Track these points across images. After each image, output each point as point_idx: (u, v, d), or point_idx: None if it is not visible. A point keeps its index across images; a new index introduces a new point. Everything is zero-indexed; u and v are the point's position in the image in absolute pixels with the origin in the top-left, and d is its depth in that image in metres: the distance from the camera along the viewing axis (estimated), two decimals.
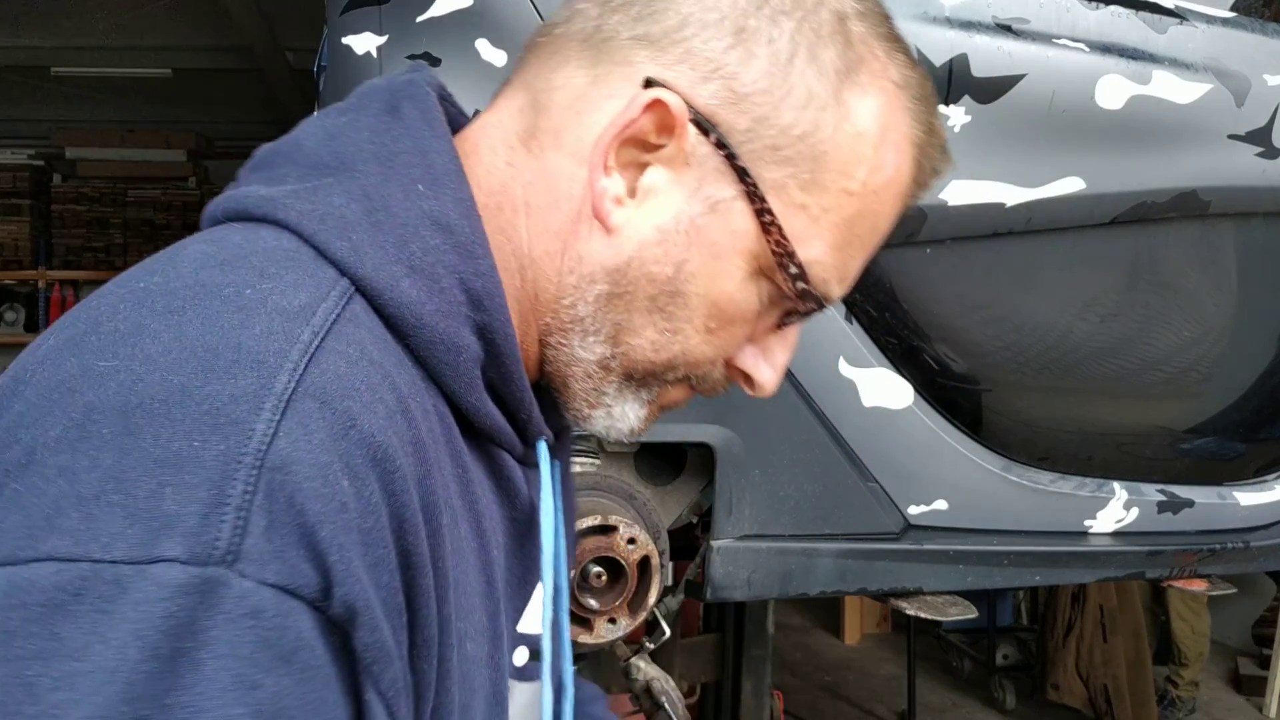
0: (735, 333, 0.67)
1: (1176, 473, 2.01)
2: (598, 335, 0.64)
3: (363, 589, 0.48)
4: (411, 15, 1.50)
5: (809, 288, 0.66)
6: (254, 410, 0.46)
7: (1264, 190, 1.79)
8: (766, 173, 0.61)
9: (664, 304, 0.63)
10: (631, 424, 0.68)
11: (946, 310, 1.71)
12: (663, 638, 1.75)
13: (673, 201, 0.62)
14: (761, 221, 0.62)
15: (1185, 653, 4.50)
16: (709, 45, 0.60)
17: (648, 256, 0.62)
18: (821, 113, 0.61)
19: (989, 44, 1.53)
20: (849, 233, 0.66)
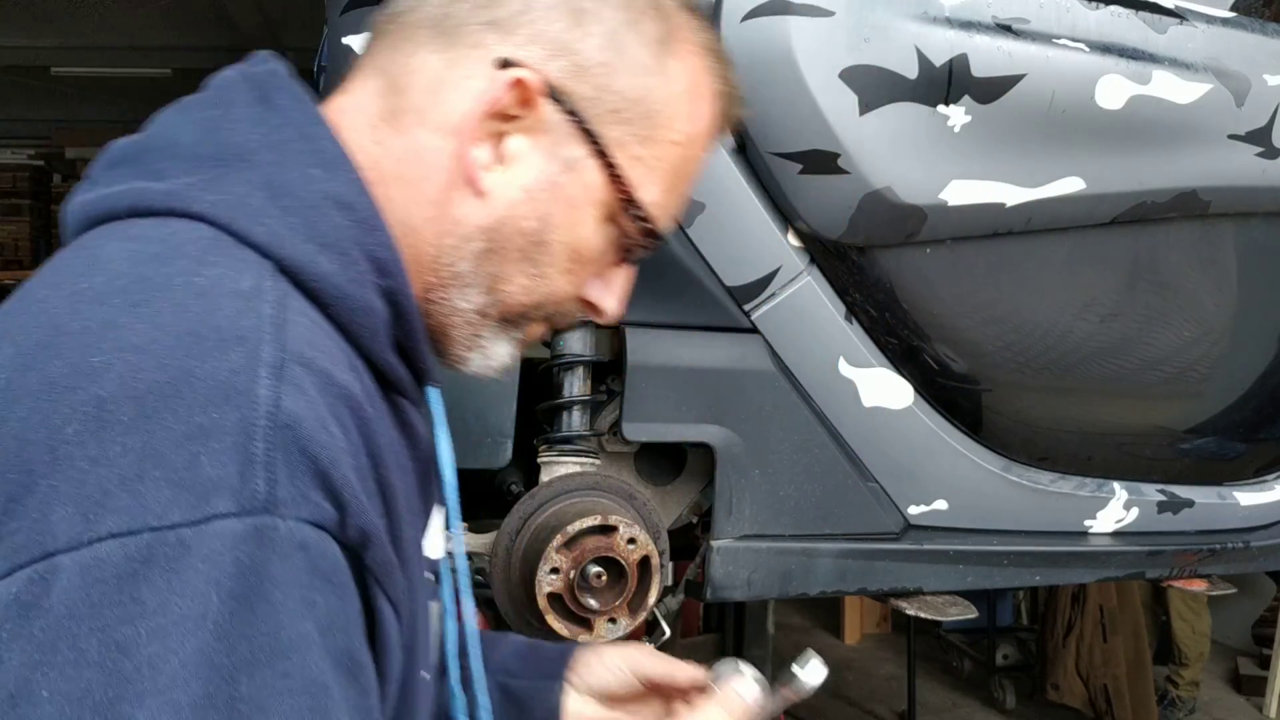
0: (589, 271, 0.79)
1: (1176, 473, 2.01)
2: (476, 287, 0.74)
3: (369, 516, 0.58)
4: None
5: (650, 226, 0.77)
6: (253, 380, 0.53)
7: (1264, 190, 1.79)
8: (610, 133, 0.73)
9: (532, 253, 0.74)
10: (503, 360, 0.79)
11: (947, 310, 1.71)
12: (663, 638, 1.75)
13: (534, 164, 0.72)
14: (609, 174, 0.74)
15: (1185, 653, 4.50)
16: (551, 26, 0.71)
17: (517, 214, 0.72)
18: (650, 78, 0.74)
19: (989, 44, 1.53)
20: (676, 176, 0.78)
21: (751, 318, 1.60)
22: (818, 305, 1.63)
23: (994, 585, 1.87)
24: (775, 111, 1.50)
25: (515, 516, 1.46)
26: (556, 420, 1.56)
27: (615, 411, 1.59)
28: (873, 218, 1.56)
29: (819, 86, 1.48)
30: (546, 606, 1.39)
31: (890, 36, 1.49)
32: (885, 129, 1.51)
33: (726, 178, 1.54)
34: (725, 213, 1.55)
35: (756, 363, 1.61)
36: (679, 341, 1.57)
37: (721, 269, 1.57)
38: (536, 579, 1.38)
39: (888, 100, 1.50)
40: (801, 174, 1.53)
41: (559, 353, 1.54)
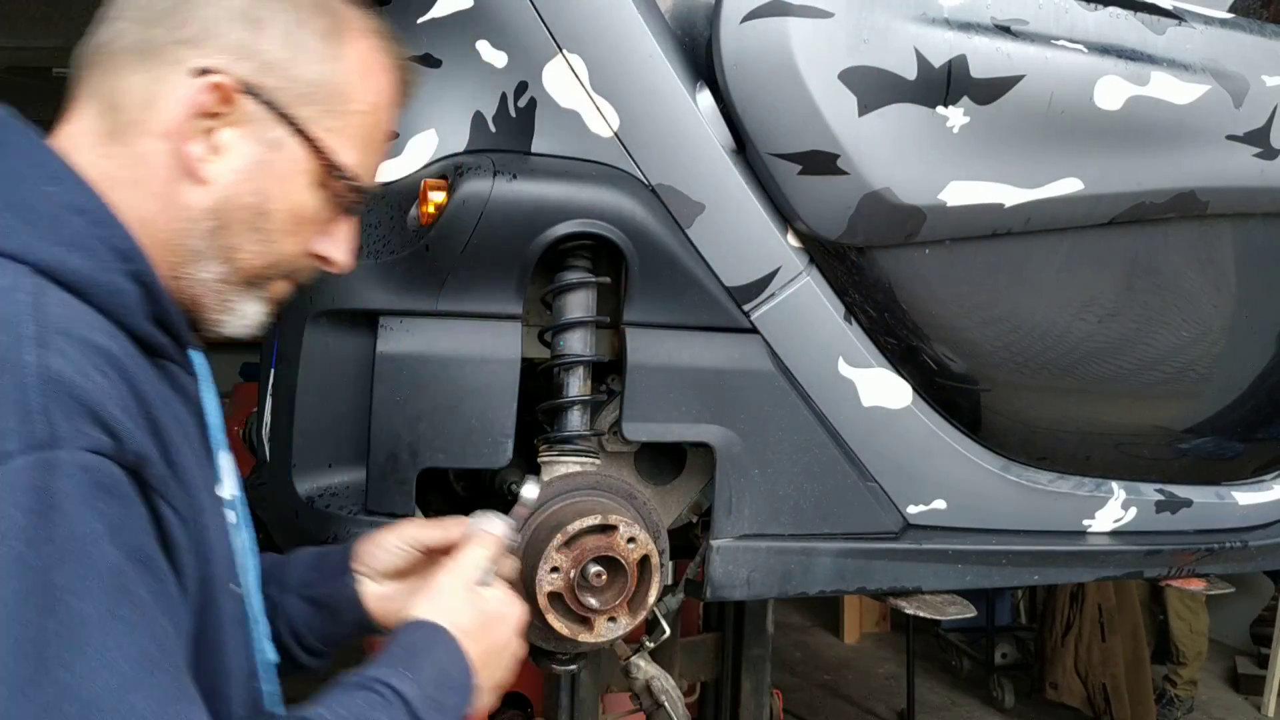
0: (311, 230, 0.95)
1: (1175, 472, 2.02)
2: (213, 259, 0.89)
3: (142, 442, 0.75)
4: (412, 17, 1.51)
5: (354, 183, 0.94)
6: (19, 351, 0.70)
7: (1262, 191, 1.79)
8: (302, 113, 0.89)
9: (257, 223, 0.90)
10: (255, 319, 0.95)
11: (945, 311, 1.72)
12: (663, 637, 1.76)
13: (243, 150, 0.88)
14: (309, 147, 0.90)
15: (1183, 652, 4.51)
16: (233, 36, 0.87)
17: (236, 193, 0.88)
18: (327, 64, 0.90)
19: (988, 45, 1.54)
20: (369, 139, 0.95)
21: (751, 318, 1.60)
22: (817, 305, 1.63)
23: (993, 584, 1.88)
24: (775, 112, 1.50)
25: None
26: (557, 420, 1.56)
27: (615, 411, 1.60)
28: (872, 218, 1.57)
29: (818, 87, 1.48)
30: (547, 605, 1.39)
31: (889, 38, 1.50)
32: (884, 130, 1.52)
33: (726, 178, 1.54)
34: (725, 213, 1.55)
35: (756, 363, 1.61)
36: (679, 341, 1.58)
37: (721, 269, 1.57)
38: (537, 578, 1.39)
39: (887, 101, 1.51)
40: (801, 175, 1.53)
41: (559, 353, 1.55)
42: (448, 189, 1.43)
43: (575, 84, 1.49)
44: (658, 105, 1.51)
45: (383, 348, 1.48)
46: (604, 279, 1.55)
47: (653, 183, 1.53)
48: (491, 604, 1.02)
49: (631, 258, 1.51)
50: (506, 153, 1.51)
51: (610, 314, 1.60)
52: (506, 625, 1.03)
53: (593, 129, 1.51)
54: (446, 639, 0.95)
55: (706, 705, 2.60)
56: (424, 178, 1.47)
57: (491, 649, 0.99)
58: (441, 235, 1.43)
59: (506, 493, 1.70)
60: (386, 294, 1.47)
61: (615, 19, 1.49)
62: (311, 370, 1.50)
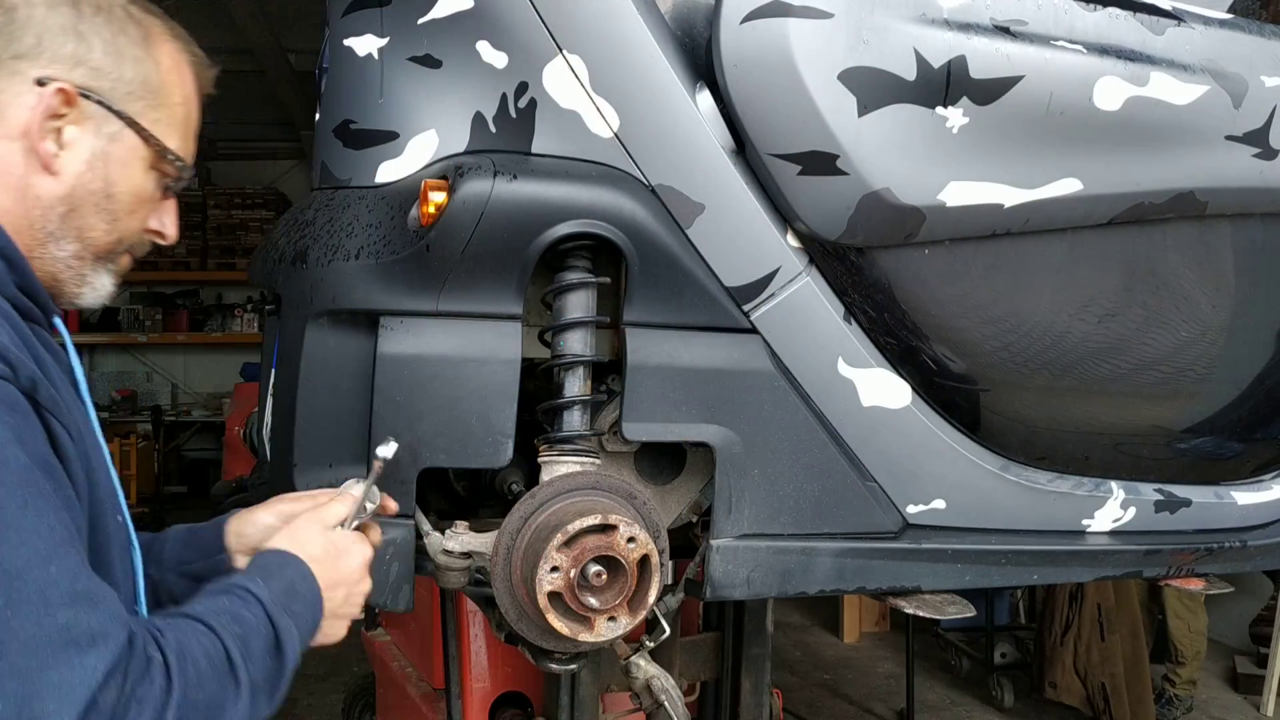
0: (148, 209, 1.14)
1: (1174, 472, 2.02)
2: (67, 239, 1.06)
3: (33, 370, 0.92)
4: (413, 17, 1.51)
5: (181, 163, 1.13)
6: None
7: (1261, 191, 1.79)
8: (133, 108, 1.08)
9: (104, 205, 1.08)
10: (108, 289, 1.12)
11: (945, 311, 1.72)
12: (663, 636, 1.76)
13: (87, 143, 1.06)
14: (142, 136, 1.09)
15: (1182, 651, 4.51)
16: (64, 49, 1.04)
17: (84, 181, 1.06)
18: (145, 65, 1.09)
19: (987, 46, 1.54)
20: (186, 126, 1.15)
21: (751, 318, 1.60)
22: (817, 306, 1.63)
23: (992, 584, 1.88)
24: (774, 113, 1.51)
25: (516, 516, 1.47)
26: (557, 420, 1.57)
27: (615, 411, 1.60)
28: (871, 219, 1.57)
29: (818, 88, 1.48)
30: (547, 605, 1.40)
31: (889, 38, 1.50)
32: (884, 130, 1.52)
33: (726, 179, 1.55)
34: (725, 214, 1.55)
35: (756, 363, 1.62)
36: (679, 342, 1.58)
37: (721, 269, 1.57)
38: (537, 578, 1.39)
39: (886, 102, 1.51)
40: (801, 175, 1.53)
41: (559, 353, 1.55)
42: (448, 189, 1.43)
43: (575, 84, 1.50)
44: (658, 106, 1.51)
45: (383, 348, 1.48)
46: (604, 279, 1.56)
47: (653, 183, 1.53)
48: (341, 541, 1.20)
49: (631, 258, 1.51)
50: (507, 153, 1.51)
51: (610, 314, 1.60)
52: (353, 559, 1.20)
53: (593, 129, 1.51)
54: (297, 562, 1.13)
55: (706, 705, 2.60)
56: (424, 178, 1.47)
57: (339, 579, 1.17)
58: (442, 235, 1.43)
59: (507, 493, 1.70)
60: (387, 294, 1.47)
61: (615, 20, 1.49)
62: (312, 370, 1.50)
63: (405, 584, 1.53)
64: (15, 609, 0.79)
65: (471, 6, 1.49)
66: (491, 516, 1.71)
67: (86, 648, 0.82)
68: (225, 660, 0.95)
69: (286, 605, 1.06)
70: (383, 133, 1.53)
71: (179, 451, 8.89)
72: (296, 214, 1.63)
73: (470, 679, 2.55)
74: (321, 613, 1.14)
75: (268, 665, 1.00)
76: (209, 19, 6.70)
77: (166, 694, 0.87)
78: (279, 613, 1.04)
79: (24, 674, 0.79)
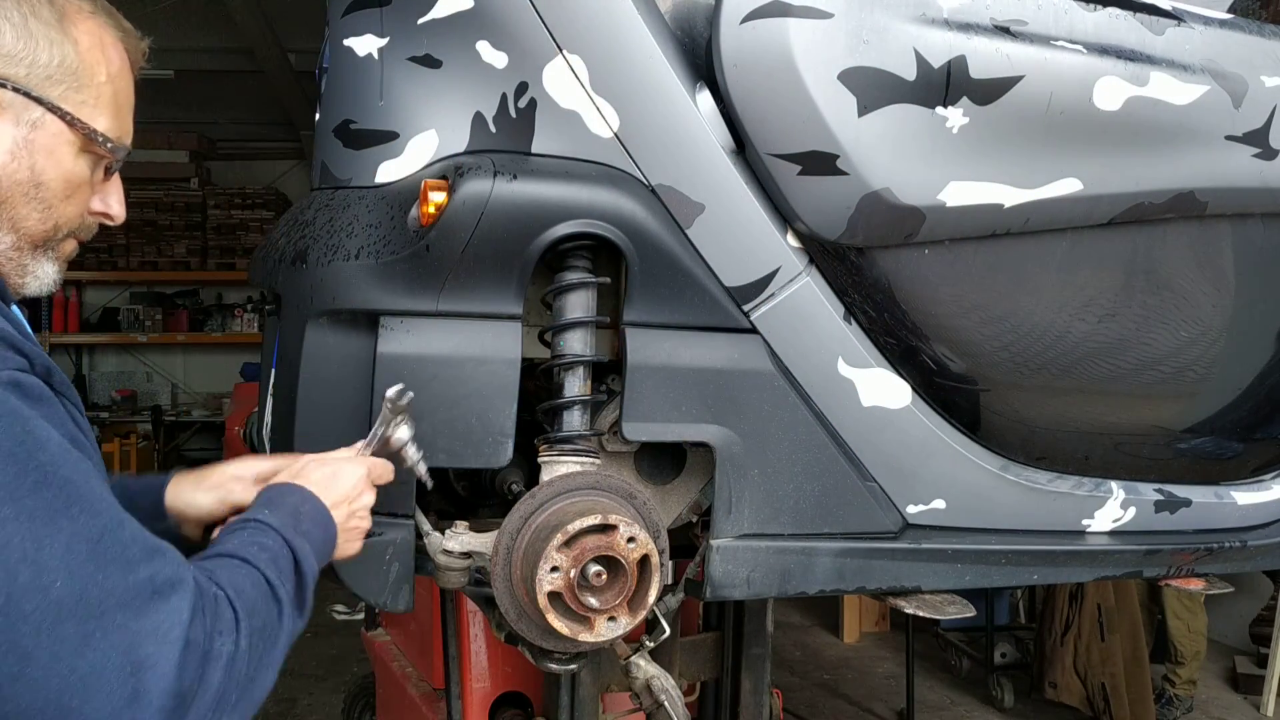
0: (85, 192, 1.10)
1: (1174, 472, 2.02)
2: (1, 231, 1.04)
3: (47, 361, 0.97)
4: (413, 17, 1.51)
5: (112, 143, 1.10)
6: None
7: (1261, 191, 1.80)
8: (53, 93, 1.04)
9: (34, 194, 1.05)
10: (53, 277, 1.10)
11: (945, 311, 1.72)
12: (663, 636, 1.76)
13: (7, 133, 1.03)
14: (65, 122, 1.05)
15: (1181, 651, 4.51)
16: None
17: (9, 172, 1.03)
18: (62, 47, 1.05)
19: (987, 46, 1.54)
20: (117, 103, 1.11)
21: (751, 318, 1.60)
22: (817, 306, 1.63)
23: (992, 584, 1.88)
24: (774, 113, 1.51)
25: (516, 516, 1.47)
26: (557, 420, 1.57)
27: (615, 411, 1.60)
28: (871, 218, 1.57)
29: (818, 88, 1.48)
30: (547, 605, 1.40)
31: (889, 38, 1.50)
32: (884, 130, 1.52)
33: (726, 179, 1.55)
34: (725, 214, 1.56)
35: (756, 363, 1.62)
36: (679, 341, 1.58)
37: (721, 269, 1.57)
38: (537, 578, 1.39)
39: (886, 102, 1.51)
40: (801, 175, 1.53)
41: (559, 353, 1.55)
42: (448, 189, 1.43)
43: (575, 84, 1.50)
44: (658, 106, 1.51)
45: (383, 348, 1.48)
46: (604, 279, 1.56)
47: (653, 183, 1.53)
48: (333, 465, 1.28)
49: (631, 258, 1.51)
50: (507, 153, 1.51)
51: (610, 314, 1.60)
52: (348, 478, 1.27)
53: (593, 129, 1.51)
54: (298, 488, 1.21)
55: (706, 705, 2.60)
56: (424, 178, 1.47)
57: (338, 498, 1.24)
58: (442, 235, 1.43)
59: (507, 493, 1.70)
60: (387, 294, 1.47)
61: (615, 20, 1.49)
62: (312, 370, 1.50)
63: (405, 584, 1.53)
64: (105, 570, 0.87)
65: (471, 6, 1.49)
66: (491, 516, 1.71)
67: (169, 594, 0.90)
68: (266, 585, 1.04)
69: (296, 526, 1.14)
70: (383, 133, 1.53)
71: (179, 451, 8.89)
72: (296, 214, 1.63)
73: (470, 679, 2.55)
74: (334, 529, 1.22)
75: (294, 582, 1.09)
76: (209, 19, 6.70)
77: (237, 623, 0.96)
78: (292, 534, 1.12)
79: (124, 627, 0.86)
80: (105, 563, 0.87)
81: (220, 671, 0.93)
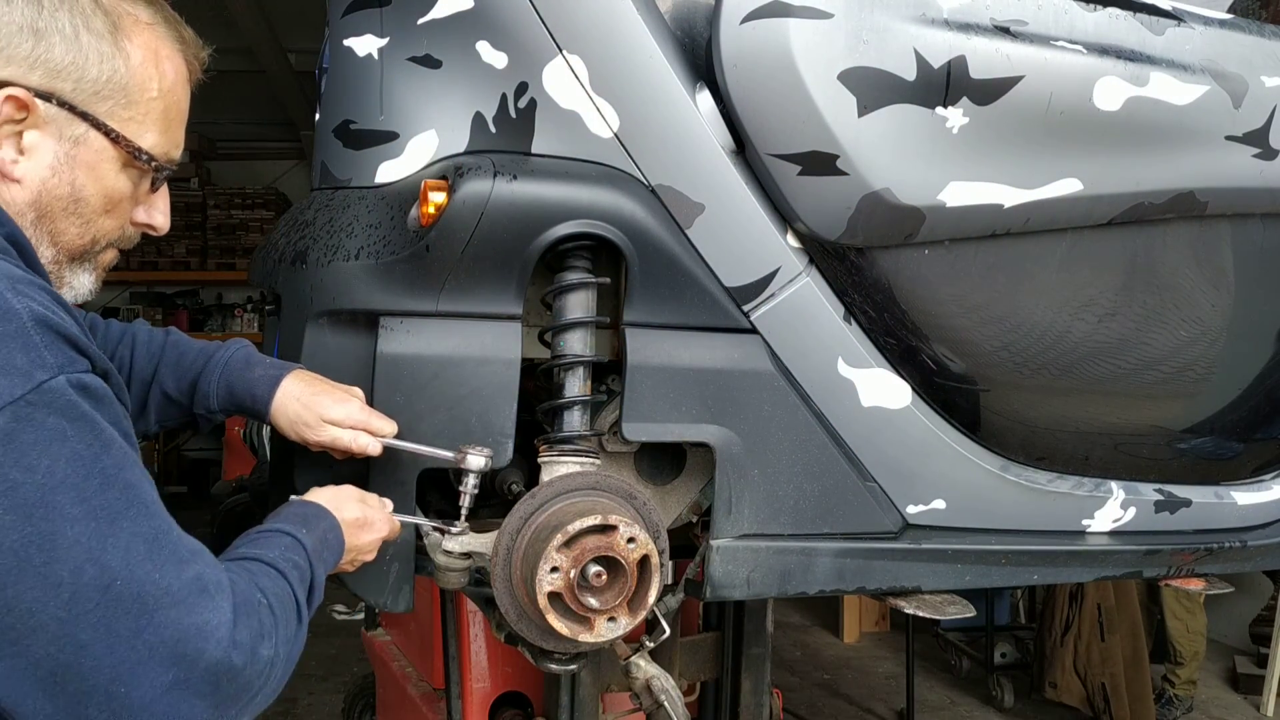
0: (127, 206, 1.10)
1: (1174, 472, 2.02)
2: (42, 244, 1.03)
3: (105, 360, 0.96)
4: (413, 17, 1.51)
5: (156, 160, 1.09)
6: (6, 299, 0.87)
7: (1261, 191, 1.80)
8: (99, 109, 1.03)
9: (74, 209, 1.04)
10: (90, 287, 1.11)
11: (945, 311, 1.72)
12: (663, 636, 1.76)
13: (49, 149, 1.01)
14: (110, 139, 1.04)
15: (1181, 651, 4.51)
16: (20, 49, 0.98)
17: (49, 187, 1.02)
18: (113, 61, 1.03)
19: (987, 46, 1.54)
20: (167, 120, 1.09)
21: (751, 318, 1.60)
22: (817, 306, 1.63)
23: (992, 584, 1.88)
24: (774, 113, 1.51)
25: (516, 516, 1.47)
26: (557, 420, 1.57)
27: (615, 411, 1.60)
28: (871, 219, 1.57)
29: (818, 88, 1.48)
30: (547, 605, 1.40)
31: (889, 38, 1.50)
32: (884, 131, 1.52)
33: (726, 179, 1.55)
34: (725, 214, 1.56)
35: (756, 363, 1.62)
36: (679, 342, 1.58)
37: (721, 270, 1.57)
38: (537, 578, 1.39)
39: (886, 102, 1.51)
40: (800, 175, 1.53)
41: (559, 353, 1.55)
42: (448, 189, 1.43)
43: (575, 85, 1.50)
44: (658, 106, 1.51)
45: (383, 348, 1.48)
46: (604, 279, 1.56)
47: (653, 183, 1.53)
48: (370, 514, 1.33)
49: (631, 258, 1.51)
50: (507, 153, 1.51)
51: (610, 314, 1.60)
52: (373, 534, 1.33)
53: (593, 130, 1.51)
54: (332, 519, 1.25)
55: (706, 705, 2.60)
56: (424, 178, 1.47)
57: (356, 545, 1.30)
58: (442, 236, 1.43)
59: (507, 493, 1.70)
60: (387, 294, 1.47)
61: (615, 20, 1.49)
62: (313, 370, 1.50)
63: (405, 584, 1.53)
64: (161, 569, 0.90)
65: (471, 7, 1.49)
66: (491, 516, 1.71)
67: (215, 593, 0.94)
68: (293, 599, 1.08)
69: (319, 553, 1.18)
70: (383, 133, 1.53)
71: (179, 451, 8.89)
72: (296, 214, 1.63)
73: (470, 679, 2.55)
74: (335, 563, 1.26)
75: (309, 600, 1.13)
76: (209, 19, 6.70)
77: (275, 627, 1.00)
78: (316, 560, 1.16)
79: (175, 622, 0.89)
80: (161, 561, 0.90)
81: (258, 671, 0.96)
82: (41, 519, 0.84)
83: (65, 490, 0.85)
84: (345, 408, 1.39)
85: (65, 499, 0.85)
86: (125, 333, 1.47)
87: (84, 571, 0.85)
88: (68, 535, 0.85)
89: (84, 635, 0.85)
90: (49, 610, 0.84)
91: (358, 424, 1.39)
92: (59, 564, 0.84)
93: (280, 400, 1.39)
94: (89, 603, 0.85)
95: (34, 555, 0.83)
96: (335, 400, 1.39)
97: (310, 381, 1.41)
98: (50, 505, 0.84)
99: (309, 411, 1.38)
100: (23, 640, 0.84)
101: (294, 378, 1.40)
